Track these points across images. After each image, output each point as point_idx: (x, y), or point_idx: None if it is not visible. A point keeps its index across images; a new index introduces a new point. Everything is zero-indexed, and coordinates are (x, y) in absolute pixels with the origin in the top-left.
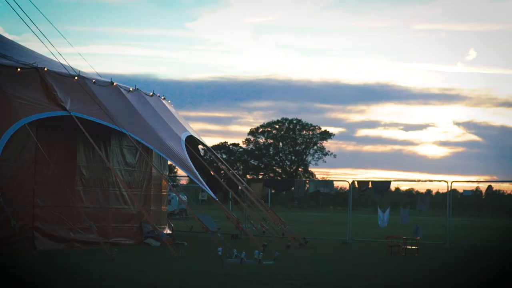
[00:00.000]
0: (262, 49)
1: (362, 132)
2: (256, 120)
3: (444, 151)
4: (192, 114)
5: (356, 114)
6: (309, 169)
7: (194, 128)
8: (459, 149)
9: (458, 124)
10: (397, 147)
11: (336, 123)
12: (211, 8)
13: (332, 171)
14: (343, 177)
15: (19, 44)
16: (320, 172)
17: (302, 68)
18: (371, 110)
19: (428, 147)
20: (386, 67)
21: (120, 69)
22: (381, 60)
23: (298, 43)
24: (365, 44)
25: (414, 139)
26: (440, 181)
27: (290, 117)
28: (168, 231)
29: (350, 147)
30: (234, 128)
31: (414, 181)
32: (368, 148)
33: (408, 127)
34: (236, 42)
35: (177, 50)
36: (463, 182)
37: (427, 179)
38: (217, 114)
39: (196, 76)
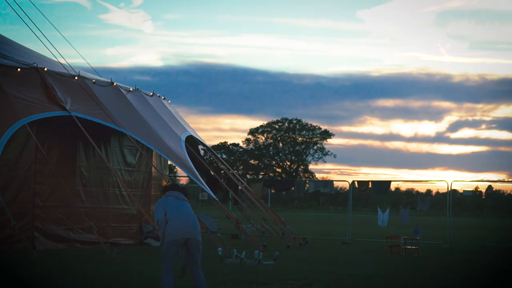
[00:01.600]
0: None
1: None
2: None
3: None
4: None
5: None
6: (309, 167)
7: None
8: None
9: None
10: None
11: None
12: None
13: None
14: (343, 176)
15: (19, 44)
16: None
17: None
18: None
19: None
20: None
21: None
22: None
23: None
24: None
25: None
26: (440, 181)
27: (290, 118)
28: None
29: None
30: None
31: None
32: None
33: None
34: None
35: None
36: (463, 182)
37: (427, 179)
38: None
39: None
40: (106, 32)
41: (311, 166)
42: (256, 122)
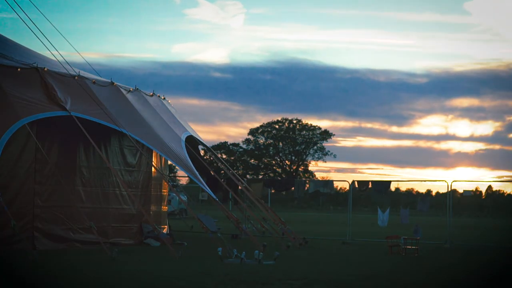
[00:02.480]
0: None
1: None
2: None
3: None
4: None
5: None
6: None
7: None
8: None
9: None
10: None
11: None
12: None
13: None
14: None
15: (19, 44)
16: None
17: None
18: None
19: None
20: None
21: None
22: None
23: None
24: None
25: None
26: (440, 180)
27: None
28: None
29: None
30: None
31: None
32: None
33: None
34: None
35: None
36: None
37: (427, 179)
38: None
39: None
40: (191, 26)
41: (316, 163)
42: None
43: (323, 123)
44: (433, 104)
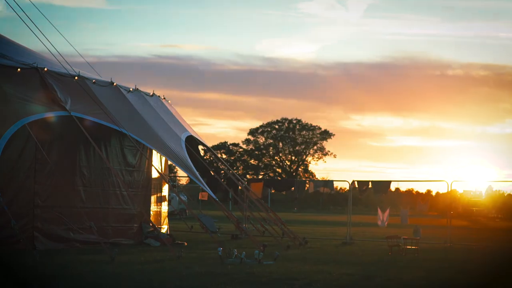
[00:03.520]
0: None
1: None
2: None
3: None
4: None
5: None
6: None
7: None
8: None
9: None
10: None
11: None
12: None
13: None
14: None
15: (19, 44)
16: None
17: None
18: None
19: None
20: None
21: None
22: None
23: None
24: None
25: None
26: (440, 181)
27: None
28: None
29: None
30: None
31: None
32: None
33: None
34: None
35: None
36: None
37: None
38: None
39: None
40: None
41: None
42: None
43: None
44: None
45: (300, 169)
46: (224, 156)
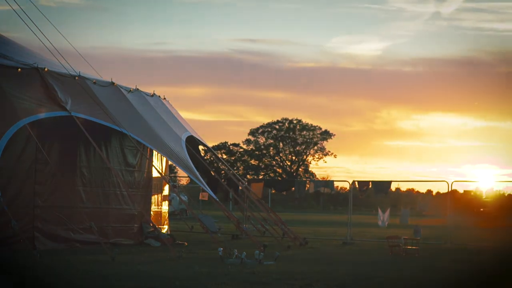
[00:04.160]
0: None
1: None
2: None
3: None
4: None
5: None
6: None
7: None
8: None
9: None
10: None
11: None
12: None
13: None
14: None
15: (19, 44)
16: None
17: None
18: None
19: None
20: None
21: None
22: None
23: None
24: None
25: None
26: (440, 181)
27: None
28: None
29: None
30: None
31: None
32: None
33: None
34: None
35: None
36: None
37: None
38: None
39: None
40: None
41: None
42: None
43: None
44: None
45: (300, 169)
46: (224, 156)
